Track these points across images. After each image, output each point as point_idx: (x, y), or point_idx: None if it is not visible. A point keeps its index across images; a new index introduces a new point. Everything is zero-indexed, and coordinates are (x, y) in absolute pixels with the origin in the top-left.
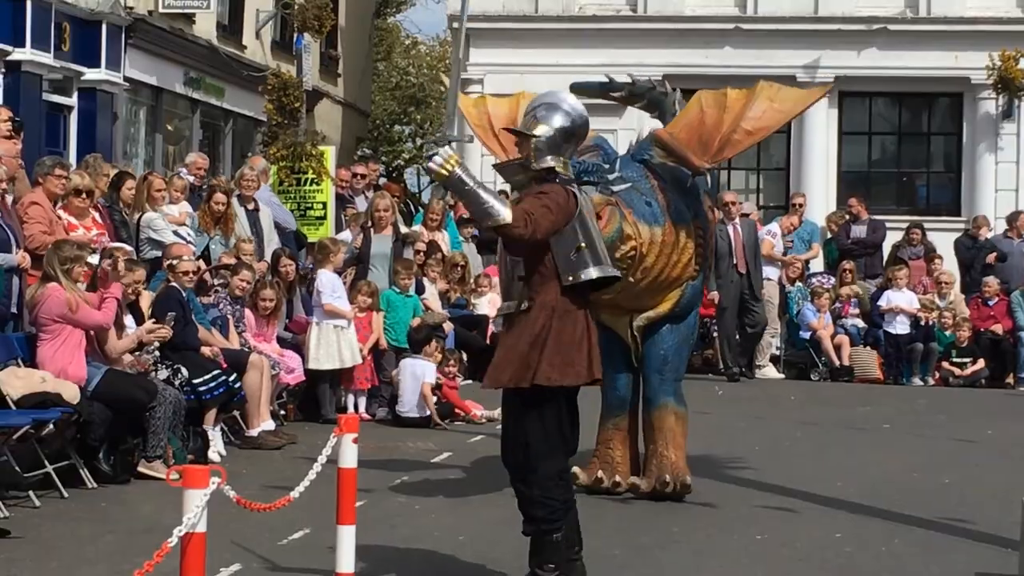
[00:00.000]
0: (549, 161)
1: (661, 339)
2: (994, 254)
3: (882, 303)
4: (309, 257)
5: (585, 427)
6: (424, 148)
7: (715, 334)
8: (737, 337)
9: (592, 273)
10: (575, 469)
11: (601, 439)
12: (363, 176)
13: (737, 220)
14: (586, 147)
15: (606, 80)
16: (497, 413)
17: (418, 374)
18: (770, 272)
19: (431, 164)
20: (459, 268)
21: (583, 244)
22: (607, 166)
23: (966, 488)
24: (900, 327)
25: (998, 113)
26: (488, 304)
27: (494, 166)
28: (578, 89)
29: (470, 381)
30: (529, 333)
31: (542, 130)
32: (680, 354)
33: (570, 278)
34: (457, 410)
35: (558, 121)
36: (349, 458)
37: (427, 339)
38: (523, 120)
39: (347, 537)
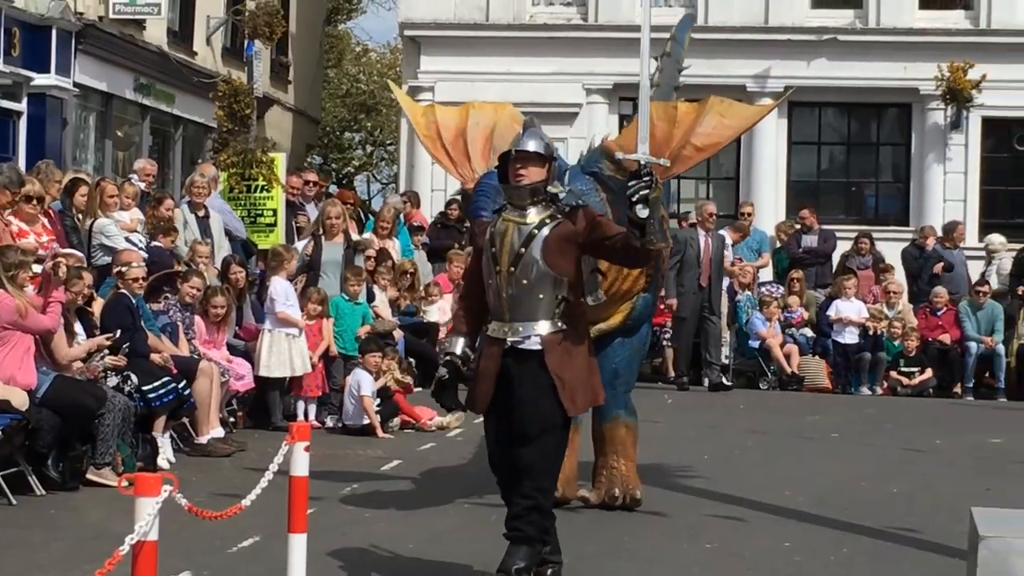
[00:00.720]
0: (558, 185)
1: (613, 352)
2: (941, 264)
3: (831, 313)
4: (260, 264)
5: None
6: (373, 155)
7: (665, 343)
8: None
9: (600, 296)
10: (582, 493)
11: None
12: (314, 184)
13: (710, 233)
14: None
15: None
16: (447, 421)
17: (353, 385)
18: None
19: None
20: (409, 276)
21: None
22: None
23: (914, 497)
24: (849, 337)
25: (946, 124)
26: (438, 312)
27: (506, 187)
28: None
29: (420, 389)
30: (583, 356)
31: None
32: (631, 367)
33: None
34: (406, 418)
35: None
36: (301, 466)
37: (376, 349)
38: (533, 142)
39: (298, 545)
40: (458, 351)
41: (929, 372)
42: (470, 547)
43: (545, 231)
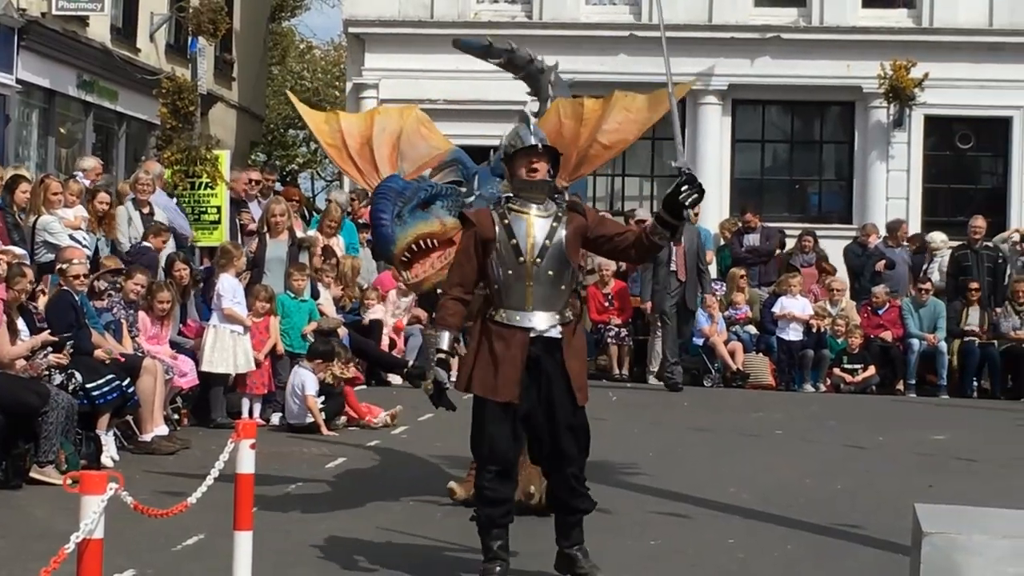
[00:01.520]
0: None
1: None
2: (883, 262)
3: (775, 309)
4: (205, 260)
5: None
6: (317, 152)
7: (609, 340)
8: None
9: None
10: (451, 484)
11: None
12: (257, 182)
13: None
14: (444, 163)
15: (487, 44)
16: (390, 417)
17: (296, 384)
18: None
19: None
20: (351, 274)
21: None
22: (463, 188)
23: (858, 494)
24: (793, 334)
25: (889, 122)
26: (380, 311)
27: (532, 182)
28: (462, 47)
29: (365, 386)
30: (585, 348)
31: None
32: None
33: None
34: (352, 415)
35: None
36: (246, 464)
37: (327, 354)
38: (537, 137)
39: (243, 543)
40: (446, 346)
41: (872, 369)
42: (416, 544)
43: (564, 224)
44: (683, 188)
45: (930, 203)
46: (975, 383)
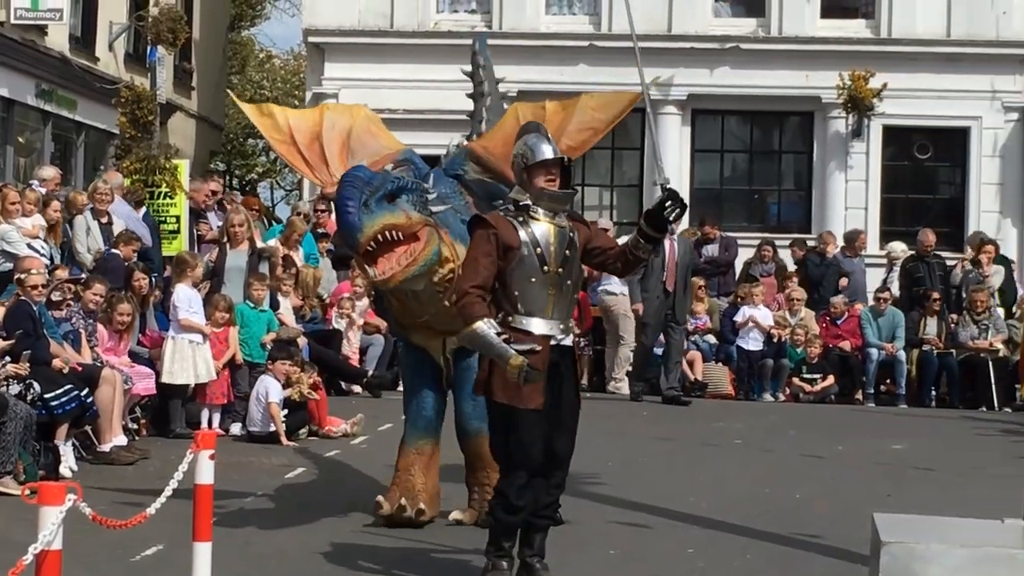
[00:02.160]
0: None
1: (473, 363)
2: (845, 280)
3: (738, 318)
4: (168, 270)
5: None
6: (277, 162)
7: None
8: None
9: None
10: (378, 498)
11: (402, 465)
12: (214, 192)
13: (676, 236)
14: (397, 162)
15: (483, 65)
16: (351, 426)
17: (260, 391)
18: (623, 288)
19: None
20: (311, 284)
21: None
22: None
23: (817, 503)
24: (753, 343)
25: (848, 132)
26: (343, 320)
27: (557, 193)
28: (477, 47)
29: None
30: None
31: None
32: None
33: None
34: (315, 425)
35: None
36: (205, 474)
37: (286, 357)
38: (551, 148)
39: (203, 554)
40: (500, 328)
41: (831, 379)
42: (375, 554)
43: (576, 234)
44: (667, 204)
45: (889, 213)
46: (933, 392)
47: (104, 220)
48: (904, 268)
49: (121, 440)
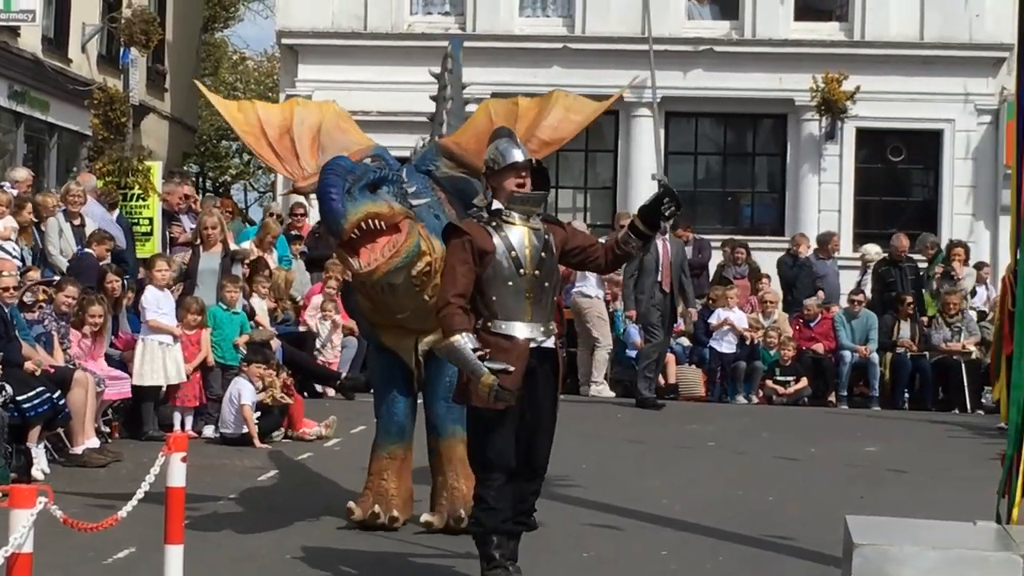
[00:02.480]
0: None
1: (445, 364)
2: (820, 292)
3: (712, 320)
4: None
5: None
6: (250, 164)
7: None
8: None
9: None
10: (349, 504)
11: (374, 470)
12: (186, 196)
13: (667, 236)
14: (365, 157)
15: (450, 70)
16: (324, 429)
17: (233, 393)
18: (597, 291)
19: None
20: (283, 286)
21: None
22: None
23: (790, 505)
24: (727, 346)
25: (821, 134)
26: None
27: (529, 196)
28: (452, 50)
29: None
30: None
31: None
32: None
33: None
34: (291, 429)
35: None
36: (177, 477)
37: (261, 360)
38: (521, 152)
39: (175, 557)
40: (478, 344)
41: (804, 381)
42: (348, 557)
43: (551, 236)
44: (664, 200)
45: (862, 215)
46: (906, 395)
47: (77, 222)
48: (876, 272)
49: (93, 442)
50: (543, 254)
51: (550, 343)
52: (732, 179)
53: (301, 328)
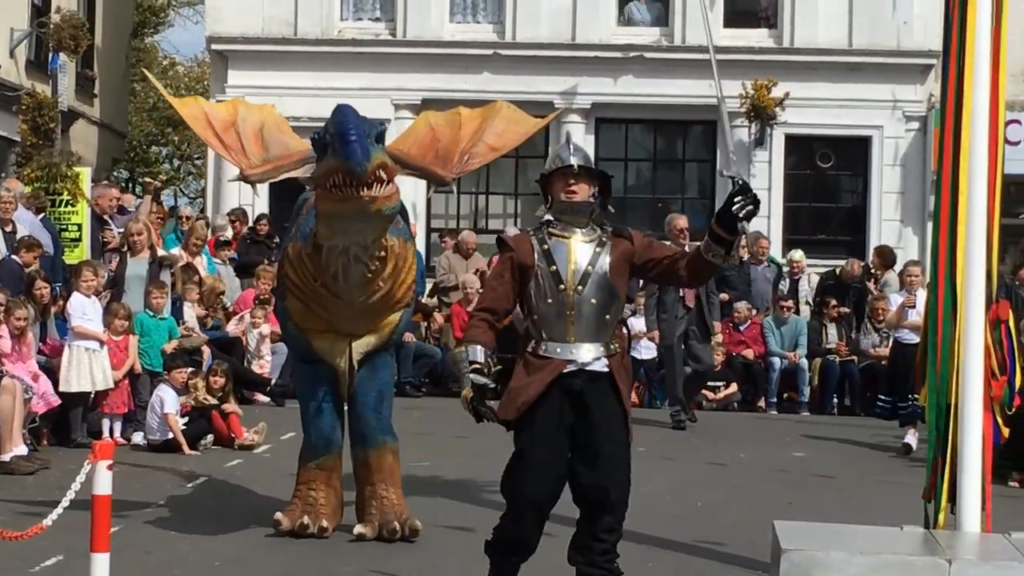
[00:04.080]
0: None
1: (376, 372)
2: (725, 295)
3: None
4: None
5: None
6: (181, 169)
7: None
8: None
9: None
10: (277, 515)
11: (302, 479)
12: (117, 199)
13: (687, 248)
14: (308, 157)
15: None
16: (253, 435)
17: (156, 401)
18: None
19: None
20: (217, 294)
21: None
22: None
23: (719, 511)
24: (645, 352)
25: (751, 141)
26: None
27: (571, 204)
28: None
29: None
30: (630, 382)
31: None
32: (392, 388)
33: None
34: (224, 435)
35: None
36: (103, 485)
37: (182, 364)
38: (578, 158)
39: (101, 565)
40: (481, 359)
41: (734, 387)
42: (276, 565)
43: (608, 249)
44: (736, 199)
45: (791, 221)
46: (835, 400)
47: (8, 228)
48: (821, 283)
49: (21, 450)
50: (589, 268)
51: (600, 366)
52: (662, 185)
53: (228, 334)
